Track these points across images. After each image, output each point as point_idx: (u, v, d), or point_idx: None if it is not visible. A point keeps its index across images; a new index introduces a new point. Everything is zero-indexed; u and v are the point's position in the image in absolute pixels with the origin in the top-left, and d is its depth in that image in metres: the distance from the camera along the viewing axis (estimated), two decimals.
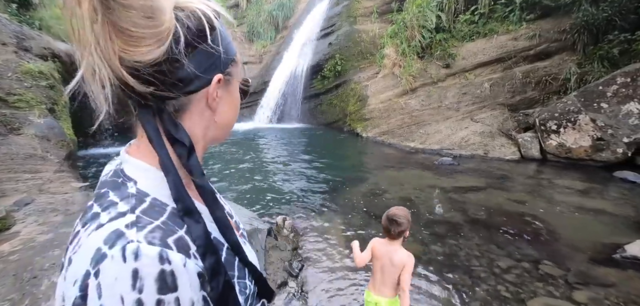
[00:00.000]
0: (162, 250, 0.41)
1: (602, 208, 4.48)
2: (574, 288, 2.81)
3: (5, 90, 4.53)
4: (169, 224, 0.45)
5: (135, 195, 0.47)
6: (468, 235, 3.72)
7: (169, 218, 0.46)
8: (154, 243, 0.41)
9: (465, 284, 2.87)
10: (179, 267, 0.42)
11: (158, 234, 0.43)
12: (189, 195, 0.49)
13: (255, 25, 15.61)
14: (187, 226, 0.47)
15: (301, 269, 3.02)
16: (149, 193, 0.48)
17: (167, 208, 0.48)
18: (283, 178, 5.94)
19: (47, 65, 5.55)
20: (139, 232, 0.41)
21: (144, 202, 0.46)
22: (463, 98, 8.95)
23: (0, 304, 2.07)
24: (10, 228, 3.05)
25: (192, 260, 0.44)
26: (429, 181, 5.73)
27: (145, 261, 0.40)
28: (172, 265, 0.41)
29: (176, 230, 0.45)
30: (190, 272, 0.43)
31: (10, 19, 5.81)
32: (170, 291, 0.41)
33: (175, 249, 0.43)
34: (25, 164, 4.09)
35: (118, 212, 0.44)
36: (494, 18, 9.43)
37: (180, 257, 0.42)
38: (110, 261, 0.39)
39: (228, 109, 0.59)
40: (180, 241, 0.44)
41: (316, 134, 10.62)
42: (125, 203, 0.45)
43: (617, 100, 6.29)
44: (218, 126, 0.58)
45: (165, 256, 0.41)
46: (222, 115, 0.58)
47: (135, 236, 0.41)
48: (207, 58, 0.51)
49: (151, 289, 0.39)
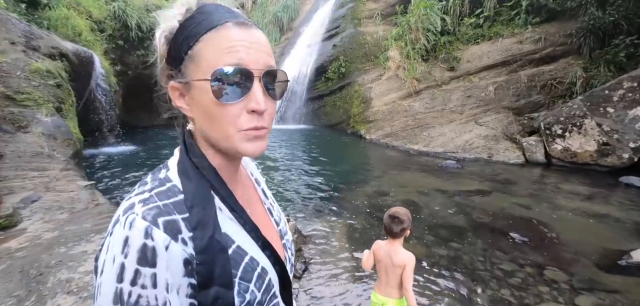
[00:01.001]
0: (149, 226, 0.44)
1: (608, 213, 4.43)
2: (578, 293, 2.78)
3: (14, 89, 4.59)
4: (170, 207, 0.48)
5: (161, 179, 0.53)
6: (472, 239, 3.70)
7: (175, 203, 0.49)
8: (147, 218, 0.45)
9: (469, 288, 2.85)
10: (160, 246, 0.44)
11: (153, 212, 0.46)
12: (204, 186, 0.52)
13: (260, 26, 14.58)
14: (189, 213, 0.49)
15: (304, 270, 3.03)
16: (172, 180, 0.53)
17: (178, 196, 0.51)
18: (286, 180, 5.96)
19: (55, 64, 5.62)
20: (142, 207, 0.46)
21: (164, 186, 0.51)
22: (467, 101, 8.92)
23: (7, 300, 2.10)
24: (17, 225, 3.09)
25: (179, 244, 0.46)
26: (432, 184, 5.71)
27: (134, 233, 0.44)
28: (154, 242, 0.44)
29: (173, 213, 0.48)
30: (173, 255, 0.45)
31: (19, 18, 5.90)
32: (148, 265, 0.43)
33: (161, 229, 0.45)
34: (32, 162, 4.14)
35: (141, 190, 0.50)
36: (499, 21, 9.40)
37: (164, 238, 0.45)
38: (118, 225, 0.45)
39: (200, 118, 0.53)
40: (171, 223, 0.46)
41: (319, 136, 10.63)
42: (150, 184, 0.51)
43: (623, 104, 6.23)
44: (208, 137, 0.54)
45: (149, 232, 0.44)
46: (200, 127, 0.54)
47: (138, 210, 0.46)
48: (162, 69, 0.56)
49: (133, 257, 0.43)
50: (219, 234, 0.50)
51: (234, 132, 0.51)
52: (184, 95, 0.54)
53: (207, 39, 0.50)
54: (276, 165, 6.93)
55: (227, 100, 0.49)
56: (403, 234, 1.88)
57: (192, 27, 0.51)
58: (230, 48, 0.49)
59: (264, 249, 0.57)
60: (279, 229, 0.71)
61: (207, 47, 0.50)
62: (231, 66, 0.49)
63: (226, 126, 0.51)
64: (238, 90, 0.50)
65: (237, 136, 0.51)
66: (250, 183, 0.72)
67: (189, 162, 0.54)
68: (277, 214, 0.74)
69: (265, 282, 0.55)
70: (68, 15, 7.94)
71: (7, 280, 2.28)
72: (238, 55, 0.49)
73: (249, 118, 0.51)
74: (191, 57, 0.51)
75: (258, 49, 0.52)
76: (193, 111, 0.54)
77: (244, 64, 0.49)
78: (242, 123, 0.51)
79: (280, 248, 0.67)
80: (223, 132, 0.51)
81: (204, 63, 0.50)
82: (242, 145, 0.52)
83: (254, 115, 0.51)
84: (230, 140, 0.51)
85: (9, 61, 4.86)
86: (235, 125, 0.51)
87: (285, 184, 5.66)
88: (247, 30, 0.52)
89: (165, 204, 0.48)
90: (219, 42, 0.50)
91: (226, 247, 0.51)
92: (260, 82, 0.51)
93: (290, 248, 0.73)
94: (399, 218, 1.85)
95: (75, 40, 7.61)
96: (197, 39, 0.50)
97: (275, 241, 0.65)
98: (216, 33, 0.50)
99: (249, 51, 0.50)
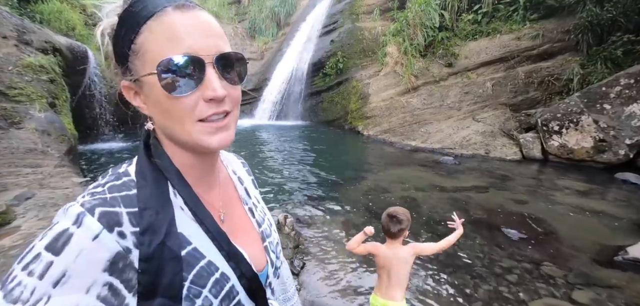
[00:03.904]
0: (82, 212, 0.41)
1: (604, 209, 4.46)
2: (575, 289, 2.80)
3: (6, 84, 4.51)
4: (116, 200, 0.45)
5: (119, 173, 0.51)
6: (469, 235, 3.71)
7: (124, 197, 0.46)
8: (84, 206, 0.42)
9: (467, 284, 2.86)
10: (83, 235, 0.40)
11: (94, 202, 0.43)
12: (161, 188, 0.50)
13: (257, 21, 15.54)
14: (141, 216, 0.45)
15: (302, 267, 3.02)
16: (131, 175, 0.51)
17: (132, 190, 0.48)
18: (284, 176, 5.93)
19: (48, 59, 5.53)
20: (88, 197, 0.44)
21: (119, 180, 0.49)
22: (465, 97, 8.92)
23: None
24: (10, 222, 3.04)
25: (113, 235, 0.42)
26: (430, 180, 5.71)
27: (66, 218, 0.41)
28: (78, 228, 0.40)
29: (117, 206, 0.44)
30: (97, 247, 0.40)
31: (11, 12, 5.79)
32: (51, 252, 0.38)
33: (96, 217, 0.41)
34: (25, 158, 4.08)
35: (97, 183, 0.48)
36: (497, 17, 9.38)
37: (96, 226, 0.41)
38: (61, 211, 0.43)
39: (157, 115, 0.50)
40: (109, 214, 0.43)
41: (317, 132, 10.60)
42: (108, 177, 0.50)
43: (620, 101, 6.26)
44: (169, 135, 0.51)
45: (79, 218, 0.41)
46: (159, 124, 0.52)
47: (80, 199, 0.44)
48: (113, 68, 0.53)
49: (45, 241, 0.40)
50: (172, 240, 0.46)
51: (192, 125, 0.47)
52: (139, 94, 0.50)
53: (148, 29, 0.46)
54: (274, 162, 6.90)
55: (180, 92, 0.45)
56: (401, 235, 1.84)
57: (131, 18, 0.46)
58: (173, 36, 0.45)
59: (228, 260, 0.53)
60: (260, 231, 0.67)
61: (149, 39, 0.46)
62: (179, 56, 0.45)
63: (183, 120, 0.47)
64: (191, 81, 0.46)
65: (196, 129, 0.47)
66: (230, 183, 0.68)
67: (146, 162, 0.51)
68: (260, 214, 0.70)
69: (224, 289, 0.51)
70: (61, 9, 7.82)
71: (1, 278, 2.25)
72: (185, 43, 0.45)
73: (207, 107, 0.47)
74: (135, 52, 0.47)
75: (206, 33, 0.48)
76: (149, 109, 0.50)
77: (193, 51, 0.45)
78: (200, 113, 0.47)
79: (258, 253, 0.63)
80: (181, 127, 0.48)
81: (149, 56, 0.46)
82: (203, 139, 0.48)
83: (211, 104, 0.47)
84: (190, 135, 0.48)
85: (1, 56, 4.77)
86: (193, 117, 0.47)
87: (282, 180, 5.64)
88: (191, 13, 0.47)
89: (113, 197, 0.45)
90: (160, 31, 0.45)
91: (178, 255, 0.46)
92: (214, 68, 0.47)
93: (275, 250, 0.69)
94: (397, 218, 1.82)
95: (69, 34, 7.50)
96: (136, 31, 0.46)
97: (252, 246, 0.62)
98: (156, 21, 0.46)
99: (195, 36, 0.46)
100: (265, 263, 0.64)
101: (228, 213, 0.61)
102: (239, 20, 15.92)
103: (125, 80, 0.49)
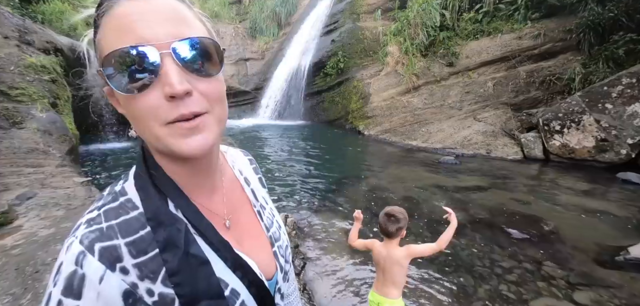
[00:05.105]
0: (82, 252, 0.39)
1: (605, 209, 4.45)
2: (576, 289, 2.79)
3: (8, 84, 4.53)
4: (113, 230, 0.42)
5: (115, 193, 0.47)
6: (470, 235, 3.70)
7: (121, 223, 0.43)
8: (83, 243, 0.40)
9: (468, 284, 2.85)
10: (90, 276, 0.39)
11: (92, 236, 0.41)
12: (163, 201, 0.47)
13: (258, 21, 15.54)
14: (154, 234, 0.43)
15: (303, 267, 3.02)
16: (128, 193, 0.47)
17: (131, 213, 0.45)
18: (284, 176, 5.93)
19: (50, 59, 5.54)
20: (85, 229, 0.42)
21: (116, 202, 0.46)
22: (466, 97, 8.91)
23: (3, 298, 2.08)
24: (12, 222, 3.05)
25: (116, 274, 0.40)
26: (431, 180, 5.70)
27: (68, 258, 0.40)
28: (83, 270, 0.39)
29: (115, 238, 0.42)
30: (108, 287, 0.39)
31: (12, 12, 5.80)
32: (72, 297, 0.38)
33: (96, 256, 0.40)
34: (27, 158, 4.09)
35: (94, 206, 0.46)
36: (498, 17, 9.36)
37: (98, 267, 0.39)
38: (62, 247, 0.41)
39: (132, 122, 0.45)
40: (109, 250, 0.41)
41: (318, 131, 10.60)
42: (104, 199, 0.47)
43: (622, 100, 6.23)
44: (148, 143, 0.47)
45: (80, 259, 0.39)
46: (136, 130, 0.47)
47: (79, 232, 0.42)
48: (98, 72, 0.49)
49: (59, 287, 0.39)
50: (194, 247, 0.46)
51: (159, 128, 0.41)
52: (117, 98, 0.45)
53: (103, 25, 0.42)
54: (274, 161, 6.90)
55: (132, 91, 0.40)
56: (399, 234, 1.85)
57: (95, 21, 0.43)
58: (120, 26, 0.40)
59: (234, 270, 0.50)
60: (269, 235, 0.64)
61: (103, 35, 0.42)
62: (124, 48, 0.39)
63: (148, 123, 0.42)
64: (145, 76, 0.40)
65: (163, 132, 0.42)
66: (236, 185, 0.65)
67: (146, 173, 0.48)
68: (268, 218, 0.67)
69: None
70: (63, 9, 7.84)
71: (3, 278, 2.26)
72: (134, 32, 0.39)
73: (169, 108, 0.41)
74: (97, 51, 0.43)
75: (160, 20, 0.41)
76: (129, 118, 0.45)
77: (142, 40, 0.39)
78: (164, 115, 0.41)
79: (267, 259, 0.61)
80: (149, 131, 0.42)
81: (100, 53, 0.42)
82: (174, 143, 0.42)
83: (174, 102, 0.41)
84: (160, 140, 0.42)
85: (2, 56, 4.78)
86: (158, 119, 0.41)
87: (283, 180, 5.64)
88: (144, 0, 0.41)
89: (109, 226, 0.42)
90: (111, 24, 0.41)
91: (205, 259, 0.46)
92: (172, 58, 0.41)
93: (284, 255, 0.66)
94: (395, 217, 1.82)
95: (71, 34, 7.51)
96: (96, 32, 0.43)
97: (261, 252, 0.60)
98: (108, 16, 0.41)
99: (147, 24, 0.40)
100: (274, 270, 0.61)
101: (234, 218, 0.58)
102: (239, 20, 15.92)
103: (105, 86, 0.44)
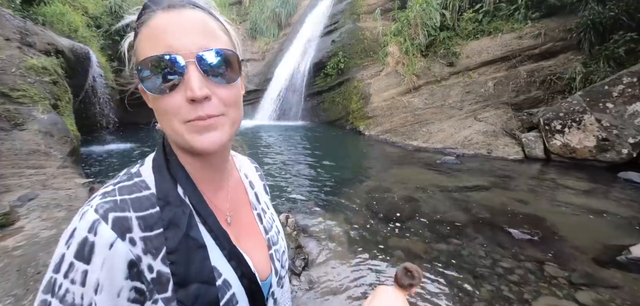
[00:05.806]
0: (97, 220, 0.43)
1: (607, 209, 4.44)
2: (578, 289, 2.79)
3: (9, 86, 4.54)
4: (126, 203, 0.47)
5: (131, 173, 0.52)
6: (471, 235, 3.70)
7: (135, 199, 0.48)
8: (98, 211, 0.44)
9: (469, 284, 2.85)
10: (102, 243, 0.43)
11: (107, 206, 0.45)
12: (174, 183, 0.52)
13: (258, 22, 15.56)
14: (161, 211, 0.48)
15: (304, 267, 3.02)
16: (142, 176, 0.52)
17: (143, 191, 0.50)
18: (285, 176, 5.94)
19: (51, 60, 5.55)
20: (100, 200, 0.46)
21: (131, 181, 0.50)
22: (466, 97, 8.90)
23: (5, 299, 2.08)
24: (14, 223, 3.06)
25: (125, 243, 0.44)
26: (431, 180, 5.70)
27: (82, 225, 0.43)
28: (96, 237, 0.43)
29: (127, 210, 0.46)
30: (116, 254, 0.43)
31: (14, 14, 5.82)
32: (83, 261, 0.42)
33: (110, 225, 0.44)
34: (28, 159, 4.10)
35: (110, 183, 0.50)
36: (498, 16, 9.35)
37: (110, 235, 0.43)
38: (76, 215, 0.45)
39: (157, 116, 0.51)
40: (121, 220, 0.45)
41: (318, 132, 10.60)
42: (120, 177, 0.51)
43: (622, 100, 6.22)
44: (167, 136, 0.53)
45: (95, 226, 0.43)
46: (160, 124, 0.52)
47: (94, 202, 0.45)
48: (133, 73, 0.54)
49: (72, 250, 0.43)
50: (194, 231, 0.49)
51: (179, 124, 0.47)
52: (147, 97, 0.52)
53: (141, 34, 0.48)
54: (275, 162, 6.91)
55: (161, 92, 0.46)
56: (410, 289, 1.94)
57: (136, 27, 0.49)
58: (153, 36, 0.46)
59: (229, 259, 0.53)
60: (267, 238, 0.66)
61: (139, 43, 0.48)
62: (155, 55, 0.45)
63: (171, 120, 0.47)
64: (172, 81, 0.46)
65: (183, 128, 0.47)
66: (241, 186, 0.68)
67: (163, 159, 0.54)
68: (268, 221, 0.69)
69: (225, 297, 0.51)
70: (64, 11, 7.84)
71: (5, 279, 2.26)
72: (164, 42, 0.45)
73: (189, 109, 0.46)
74: (134, 55, 0.50)
75: (188, 31, 0.47)
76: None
77: (171, 50, 0.45)
78: (185, 114, 0.46)
79: (263, 260, 0.63)
80: (170, 127, 0.48)
81: (136, 58, 0.49)
82: (190, 138, 0.47)
83: (194, 105, 0.46)
84: (178, 134, 0.48)
85: (4, 58, 4.80)
86: (179, 117, 0.47)
87: (284, 181, 5.64)
88: (175, 12, 0.47)
89: (123, 199, 0.47)
90: (147, 34, 0.47)
91: (202, 244, 0.49)
92: (196, 66, 0.46)
93: (280, 259, 0.68)
94: (411, 274, 1.91)
95: (71, 36, 7.53)
96: (136, 38, 0.49)
97: (257, 252, 0.62)
98: (144, 26, 0.47)
99: (175, 35, 0.46)
100: (269, 271, 0.63)
101: (235, 217, 0.61)
102: (240, 21, 15.94)
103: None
